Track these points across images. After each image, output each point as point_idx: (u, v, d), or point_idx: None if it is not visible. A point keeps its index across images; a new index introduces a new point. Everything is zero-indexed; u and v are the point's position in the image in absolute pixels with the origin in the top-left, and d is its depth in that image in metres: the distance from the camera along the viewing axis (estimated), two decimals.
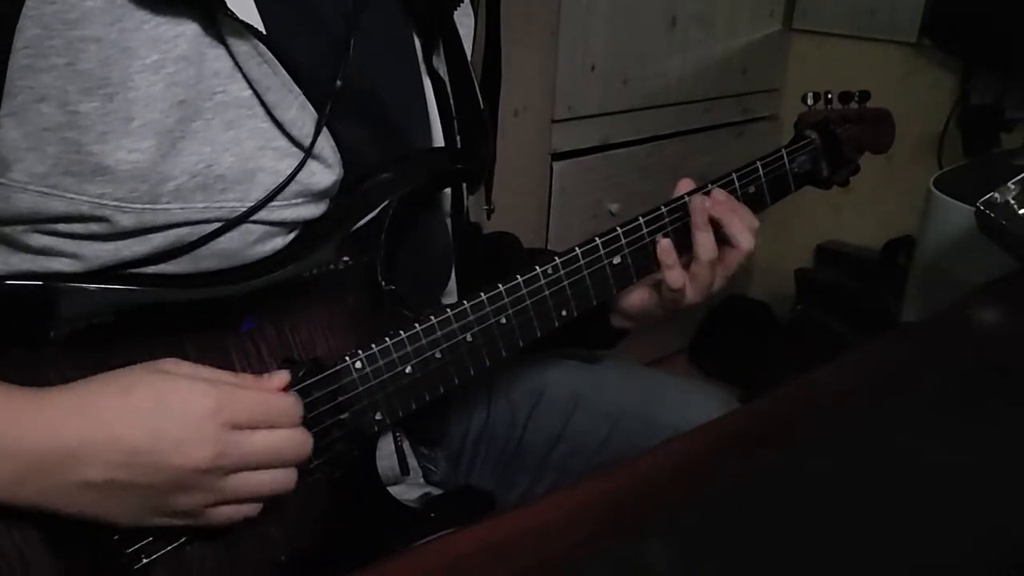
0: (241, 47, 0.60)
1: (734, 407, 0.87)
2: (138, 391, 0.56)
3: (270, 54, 0.61)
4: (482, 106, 0.84)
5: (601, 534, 0.53)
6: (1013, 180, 0.85)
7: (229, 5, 0.59)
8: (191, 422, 0.56)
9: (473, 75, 0.83)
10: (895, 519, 0.54)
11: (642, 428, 0.88)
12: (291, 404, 0.62)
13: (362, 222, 0.69)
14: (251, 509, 0.61)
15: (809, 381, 0.70)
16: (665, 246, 0.80)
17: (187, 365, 0.59)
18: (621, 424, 0.90)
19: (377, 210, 0.69)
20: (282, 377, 0.62)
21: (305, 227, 0.67)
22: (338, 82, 0.66)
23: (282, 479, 0.61)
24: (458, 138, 0.82)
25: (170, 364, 0.58)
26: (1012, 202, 0.84)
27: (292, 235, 0.67)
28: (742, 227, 0.81)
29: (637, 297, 0.85)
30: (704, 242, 0.80)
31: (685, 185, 0.83)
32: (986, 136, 1.86)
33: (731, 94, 2.11)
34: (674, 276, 0.80)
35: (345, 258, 0.68)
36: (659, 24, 1.89)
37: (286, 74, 0.62)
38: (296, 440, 0.61)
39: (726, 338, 2.21)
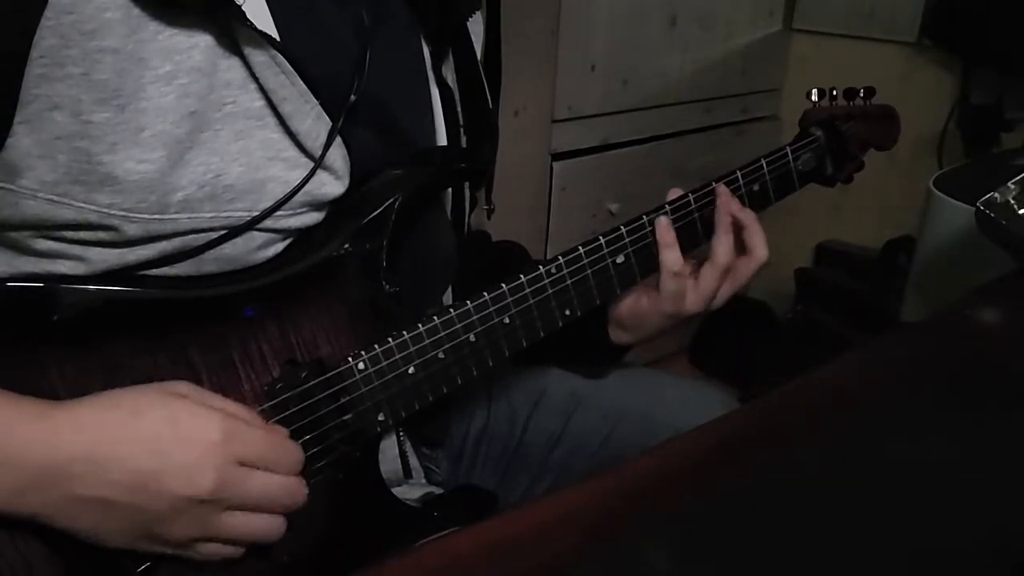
0: (258, 57, 0.60)
1: (734, 407, 0.87)
2: (149, 414, 0.56)
3: (288, 64, 0.61)
4: (490, 107, 0.84)
5: (601, 534, 0.53)
6: (1013, 180, 0.84)
7: (248, 15, 0.59)
8: (198, 450, 0.56)
9: (484, 80, 0.83)
10: (895, 519, 0.54)
11: (642, 428, 0.88)
12: (296, 450, 0.63)
13: (367, 218, 0.69)
14: (235, 552, 0.61)
15: (809, 381, 0.70)
16: (663, 223, 0.79)
17: (201, 392, 0.60)
18: (621, 424, 0.90)
19: (383, 206, 0.69)
20: (285, 430, 0.64)
21: (307, 230, 0.67)
22: (352, 96, 0.66)
23: (272, 526, 0.61)
24: (464, 141, 0.82)
25: (184, 387, 0.59)
26: (1012, 202, 0.84)
27: (294, 239, 0.67)
28: (761, 235, 0.81)
29: (630, 301, 0.84)
30: (725, 243, 0.80)
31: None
32: (986, 136, 1.86)
33: (731, 94, 2.11)
34: (672, 257, 0.79)
35: (347, 246, 0.68)
36: (659, 24, 1.89)
37: (303, 84, 0.62)
38: (294, 487, 0.62)
39: (726, 338, 2.21)
